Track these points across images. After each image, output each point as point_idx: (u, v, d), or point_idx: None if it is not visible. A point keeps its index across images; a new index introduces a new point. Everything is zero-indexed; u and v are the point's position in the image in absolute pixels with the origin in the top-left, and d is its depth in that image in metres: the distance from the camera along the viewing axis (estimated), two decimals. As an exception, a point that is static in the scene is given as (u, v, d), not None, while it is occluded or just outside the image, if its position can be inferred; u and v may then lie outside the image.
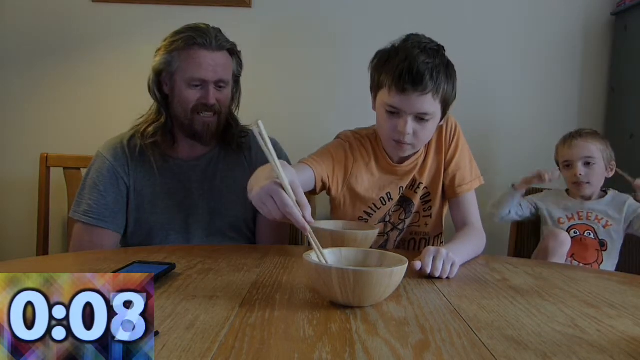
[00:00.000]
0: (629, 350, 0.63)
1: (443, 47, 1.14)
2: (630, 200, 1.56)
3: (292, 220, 0.81)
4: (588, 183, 1.56)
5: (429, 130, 1.15)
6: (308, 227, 0.81)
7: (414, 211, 1.29)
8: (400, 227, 1.31)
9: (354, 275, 0.72)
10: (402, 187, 1.27)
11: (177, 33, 1.26)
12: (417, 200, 1.28)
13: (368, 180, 1.26)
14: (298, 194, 0.83)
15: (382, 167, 1.26)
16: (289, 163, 1.42)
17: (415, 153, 1.24)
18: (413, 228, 1.32)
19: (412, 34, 1.15)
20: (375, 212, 1.28)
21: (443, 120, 1.20)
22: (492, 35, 2.03)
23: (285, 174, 0.82)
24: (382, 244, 1.32)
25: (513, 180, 1.66)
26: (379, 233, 1.30)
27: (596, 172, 1.56)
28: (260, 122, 0.80)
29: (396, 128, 1.12)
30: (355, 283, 0.72)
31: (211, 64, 1.24)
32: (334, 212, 1.31)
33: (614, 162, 1.60)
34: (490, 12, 2.03)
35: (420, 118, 1.11)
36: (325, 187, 1.23)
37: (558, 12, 2.03)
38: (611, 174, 1.60)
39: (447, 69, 1.11)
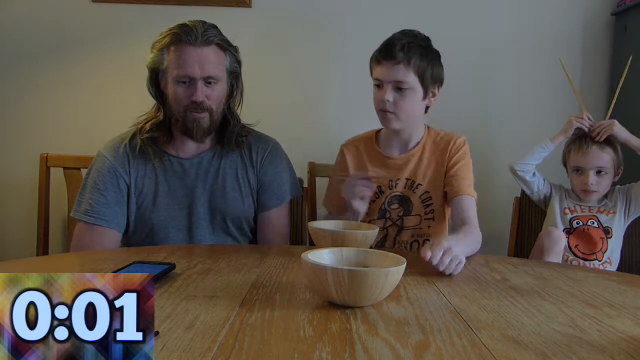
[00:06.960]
0: (629, 350, 0.63)
1: (429, 39, 1.30)
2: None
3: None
4: (596, 191, 1.56)
5: (408, 102, 1.27)
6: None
7: (413, 210, 1.35)
8: (398, 223, 1.36)
9: (348, 275, 0.72)
10: (392, 182, 1.36)
11: (167, 30, 1.27)
12: (415, 200, 1.35)
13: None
14: None
15: (375, 160, 1.38)
16: (290, 165, 1.44)
17: (407, 151, 1.36)
18: (417, 230, 1.36)
19: None
20: (370, 203, 1.34)
21: (427, 100, 1.31)
22: (492, 35, 2.02)
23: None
24: (381, 239, 1.36)
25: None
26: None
27: (606, 181, 1.56)
28: None
29: (380, 98, 1.28)
30: (350, 283, 0.72)
31: (197, 60, 1.23)
32: None
33: (622, 168, 1.59)
34: (490, 12, 2.02)
35: (399, 88, 1.26)
36: None
37: (558, 12, 2.03)
38: (617, 178, 1.60)
39: (425, 50, 1.27)
